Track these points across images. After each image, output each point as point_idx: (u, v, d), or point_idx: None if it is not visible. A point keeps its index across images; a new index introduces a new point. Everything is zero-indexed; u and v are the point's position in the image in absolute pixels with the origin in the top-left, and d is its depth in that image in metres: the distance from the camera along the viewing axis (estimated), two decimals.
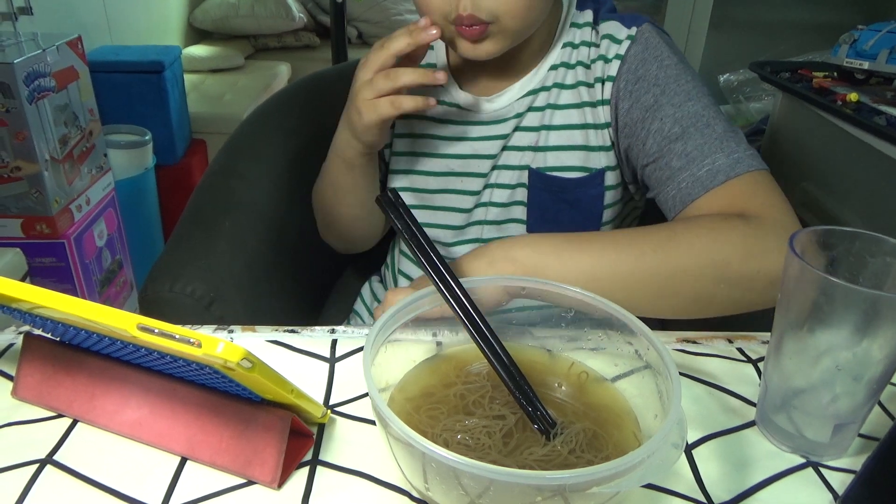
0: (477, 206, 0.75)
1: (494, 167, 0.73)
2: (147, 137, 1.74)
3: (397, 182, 0.77)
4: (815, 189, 1.54)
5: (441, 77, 0.61)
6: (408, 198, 0.75)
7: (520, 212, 0.73)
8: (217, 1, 2.67)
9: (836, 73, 1.56)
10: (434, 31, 0.60)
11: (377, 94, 0.62)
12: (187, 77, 2.23)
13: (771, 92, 1.76)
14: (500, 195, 0.73)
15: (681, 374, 0.50)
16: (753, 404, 0.49)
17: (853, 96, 1.39)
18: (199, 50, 2.59)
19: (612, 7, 0.73)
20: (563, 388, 0.47)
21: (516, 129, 0.71)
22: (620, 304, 0.45)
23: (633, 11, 0.76)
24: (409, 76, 0.61)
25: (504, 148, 0.72)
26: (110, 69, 1.77)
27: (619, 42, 0.68)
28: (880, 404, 0.49)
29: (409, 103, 0.61)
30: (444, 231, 0.77)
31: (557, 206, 0.72)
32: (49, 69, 1.28)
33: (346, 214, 0.77)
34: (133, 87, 1.81)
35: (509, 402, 0.44)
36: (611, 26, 0.69)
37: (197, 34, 2.77)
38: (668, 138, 0.63)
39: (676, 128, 0.63)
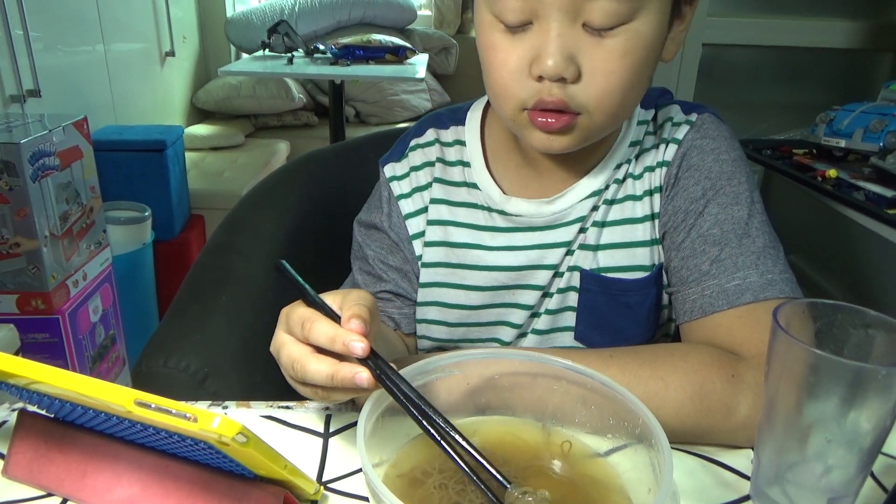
0: (530, 317, 0.67)
1: (556, 275, 0.66)
2: (146, 214, 1.77)
3: (428, 296, 0.68)
4: (802, 262, 1.57)
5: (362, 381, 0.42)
6: (442, 314, 0.68)
7: (569, 318, 0.66)
8: (219, 82, 2.78)
9: (815, 150, 1.62)
10: (365, 379, 0.42)
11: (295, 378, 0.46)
12: (188, 155, 2.29)
13: (754, 169, 1.82)
14: (551, 303, 0.66)
15: (674, 447, 0.50)
16: (748, 478, 0.49)
17: (832, 172, 1.44)
18: (200, 129, 2.67)
19: (670, 97, 0.69)
20: (556, 463, 0.47)
21: (580, 232, 0.65)
22: None
23: None
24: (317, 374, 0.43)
25: (566, 254, 0.65)
26: (114, 148, 1.82)
27: (677, 125, 0.64)
28: (873, 476, 0.49)
29: (340, 396, 0.46)
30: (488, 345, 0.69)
31: (615, 310, 0.64)
32: (54, 148, 1.32)
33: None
34: (135, 165, 1.86)
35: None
36: (670, 110, 0.66)
37: (199, 114, 2.86)
38: (704, 238, 0.60)
39: (716, 229, 0.60)
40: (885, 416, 0.40)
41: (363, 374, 0.42)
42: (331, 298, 0.46)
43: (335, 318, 0.44)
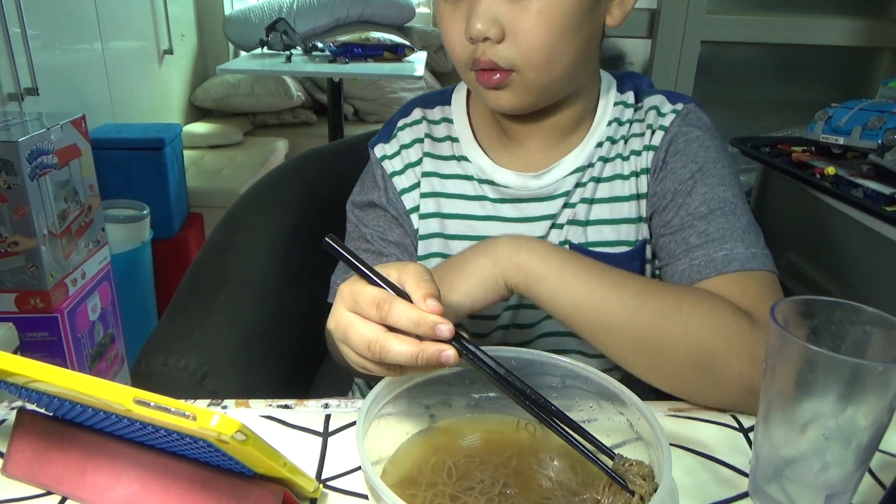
0: None
1: None
2: (145, 212, 1.77)
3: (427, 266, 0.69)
4: (800, 259, 1.57)
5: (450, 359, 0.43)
6: None
7: None
8: (218, 80, 2.78)
9: (813, 148, 1.62)
10: (452, 357, 0.42)
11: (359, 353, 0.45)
12: (187, 153, 2.29)
13: (753, 166, 1.82)
14: None
15: (673, 444, 0.50)
16: (746, 475, 0.49)
17: (831, 170, 1.44)
18: (199, 127, 2.67)
19: (651, 84, 0.73)
20: (555, 462, 0.47)
21: (565, 206, 0.68)
22: (599, 343, 0.53)
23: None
24: (402, 357, 0.43)
25: (552, 227, 0.69)
26: (112, 146, 1.82)
27: (663, 115, 0.68)
28: (871, 473, 0.49)
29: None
30: (477, 320, 0.71)
31: None
32: (52, 147, 1.32)
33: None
34: (133, 164, 1.86)
35: (498, 472, 0.44)
36: (656, 99, 0.70)
37: (198, 112, 2.86)
38: (692, 215, 0.63)
39: (703, 207, 0.63)
40: (883, 413, 0.40)
41: (449, 352, 0.42)
42: (385, 272, 0.45)
43: (404, 296, 0.43)
